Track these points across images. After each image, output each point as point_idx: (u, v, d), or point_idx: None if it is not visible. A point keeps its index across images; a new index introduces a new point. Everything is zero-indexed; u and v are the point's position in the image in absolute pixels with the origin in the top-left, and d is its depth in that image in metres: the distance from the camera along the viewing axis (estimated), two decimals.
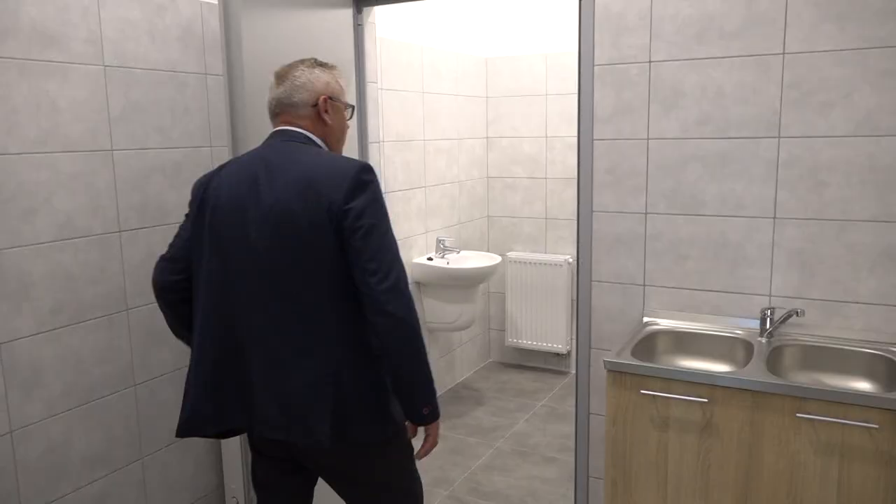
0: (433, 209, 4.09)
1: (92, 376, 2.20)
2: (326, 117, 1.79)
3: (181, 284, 1.79)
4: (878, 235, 2.15)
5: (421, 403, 1.71)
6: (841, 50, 2.12)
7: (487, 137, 4.64)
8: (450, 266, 3.84)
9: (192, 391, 1.76)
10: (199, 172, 2.50)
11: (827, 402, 1.86)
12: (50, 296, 2.07)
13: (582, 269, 2.60)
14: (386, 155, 3.64)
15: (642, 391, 2.08)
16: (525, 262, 4.48)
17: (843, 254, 2.20)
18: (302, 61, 1.82)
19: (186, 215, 1.83)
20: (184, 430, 1.76)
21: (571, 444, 3.50)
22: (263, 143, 1.79)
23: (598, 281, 2.57)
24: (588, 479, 2.72)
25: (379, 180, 1.71)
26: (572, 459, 3.17)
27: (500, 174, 4.63)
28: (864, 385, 2.12)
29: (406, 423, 1.78)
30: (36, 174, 2.01)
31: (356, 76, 2.96)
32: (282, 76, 1.80)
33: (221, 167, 1.80)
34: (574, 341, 2.69)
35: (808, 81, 2.17)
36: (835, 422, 1.85)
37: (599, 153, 2.50)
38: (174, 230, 2.42)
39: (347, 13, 2.79)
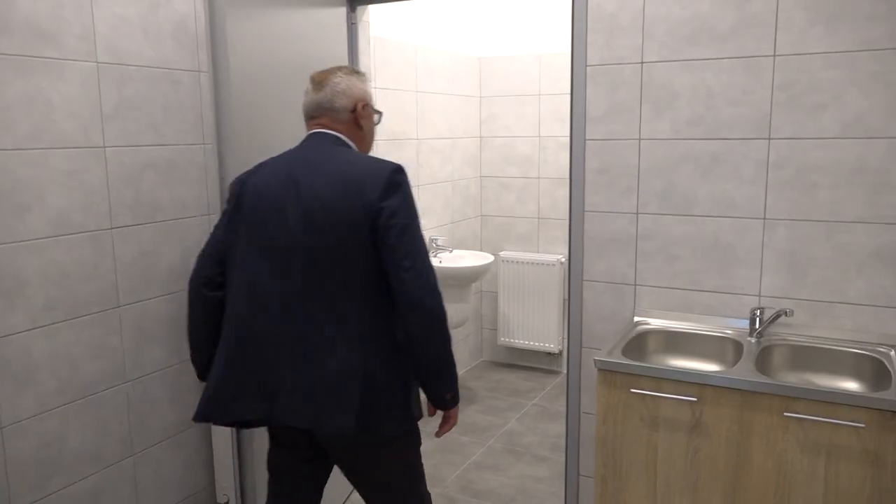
0: (426, 208, 4.10)
1: (85, 373, 2.20)
2: (362, 122, 1.91)
3: (217, 280, 1.88)
4: (866, 237, 2.17)
5: (445, 390, 1.84)
6: (831, 52, 2.14)
7: (481, 137, 4.65)
8: (443, 265, 3.85)
9: (214, 378, 1.82)
10: (193, 170, 2.51)
11: (815, 401, 1.88)
12: (43, 292, 2.07)
13: (574, 269, 2.61)
14: (379, 154, 3.64)
15: (632, 390, 2.10)
16: (518, 262, 4.50)
17: (832, 255, 2.22)
18: (339, 68, 1.93)
19: (223, 212, 1.92)
20: (201, 416, 1.82)
21: (563, 443, 3.52)
22: (300, 144, 1.90)
23: (590, 280, 2.59)
24: (579, 478, 2.74)
25: (409, 181, 1.83)
26: (563, 458, 3.19)
27: (494, 173, 4.65)
28: (851, 385, 2.15)
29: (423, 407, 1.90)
30: (29, 170, 2.01)
31: None
32: (320, 81, 1.89)
33: (260, 165, 1.89)
34: (566, 341, 2.71)
35: (798, 83, 2.19)
36: (822, 421, 1.87)
37: (592, 153, 2.52)
38: (167, 227, 2.43)
39: (341, 12, 2.80)
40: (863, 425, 1.83)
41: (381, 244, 1.72)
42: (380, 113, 1.99)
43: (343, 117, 1.89)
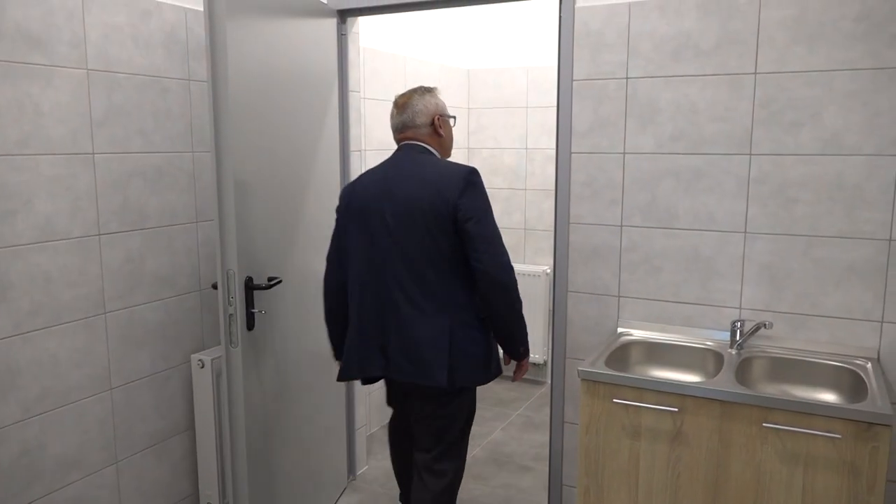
0: None
1: (68, 379, 2.20)
2: (440, 130, 2.31)
3: (343, 279, 2.30)
4: (844, 251, 2.22)
5: (519, 345, 2.29)
6: (810, 71, 2.19)
7: (469, 148, 4.68)
8: None
9: (348, 348, 2.29)
10: (181, 177, 2.52)
11: (793, 412, 1.91)
12: (28, 298, 2.07)
13: (558, 280, 2.64)
14: (368, 164, 3.66)
15: (615, 400, 2.12)
16: None
17: (810, 268, 2.27)
18: (415, 90, 2.33)
19: (337, 216, 2.31)
20: (341, 376, 2.32)
21: (546, 452, 3.54)
22: (393, 154, 2.31)
23: (575, 291, 2.62)
24: (562, 488, 2.76)
25: (483, 181, 2.21)
26: (547, 468, 3.20)
27: None
28: (829, 396, 2.18)
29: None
30: (17, 176, 2.02)
31: (339, 85, 2.99)
32: (402, 105, 2.31)
33: (362, 174, 2.33)
34: (551, 351, 2.73)
35: (778, 101, 2.24)
36: (800, 432, 1.90)
37: (577, 166, 2.55)
38: (154, 234, 2.44)
39: (331, 23, 2.82)
40: (839, 436, 1.86)
41: (462, 233, 2.13)
42: (453, 117, 2.39)
43: (424, 130, 2.29)
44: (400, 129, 2.31)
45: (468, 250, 2.14)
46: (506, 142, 4.56)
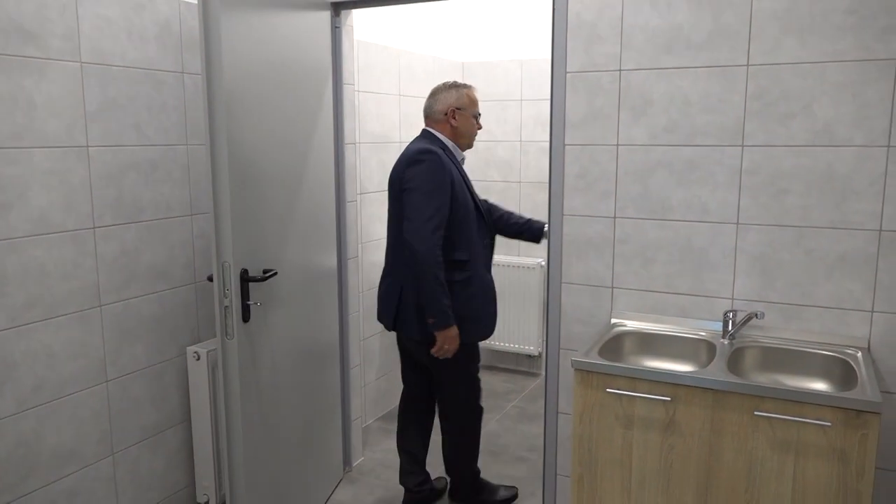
0: None
1: (64, 372, 2.21)
2: (453, 122, 2.70)
3: None
4: (835, 242, 2.24)
5: (428, 315, 2.54)
6: (801, 63, 2.20)
7: None
8: None
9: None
10: (175, 170, 2.52)
11: (783, 400, 1.93)
12: (23, 290, 2.07)
13: (552, 272, 2.65)
14: (362, 156, 3.67)
15: (608, 390, 2.14)
16: (498, 265, 4.54)
17: (801, 259, 2.29)
18: (444, 84, 2.74)
19: None
20: (392, 329, 2.76)
21: (541, 444, 3.56)
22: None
23: (568, 283, 2.64)
24: (556, 477, 2.78)
25: (438, 160, 2.56)
26: (541, 459, 3.23)
27: (475, 177, 4.68)
28: (820, 385, 2.21)
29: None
30: (11, 169, 2.02)
31: (333, 78, 2.99)
32: (430, 95, 2.75)
33: None
34: (545, 343, 2.75)
35: (770, 92, 2.26)
36: (791, 420, 1.93)
37: (571, 158, 2.56)
38: (149, 227, 2.44)
39: (325, 15, 2.82)
40: (829, 424, 1.89)
41: (402, 201, 2.54)
42: (478, 114, 2.76)
43: (438, 118, 2.72)
44: (425, 115, 2.77)
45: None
46: (500, 134, 4.57)
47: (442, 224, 2.51)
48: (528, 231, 2.99)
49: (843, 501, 1.90)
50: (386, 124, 3.87)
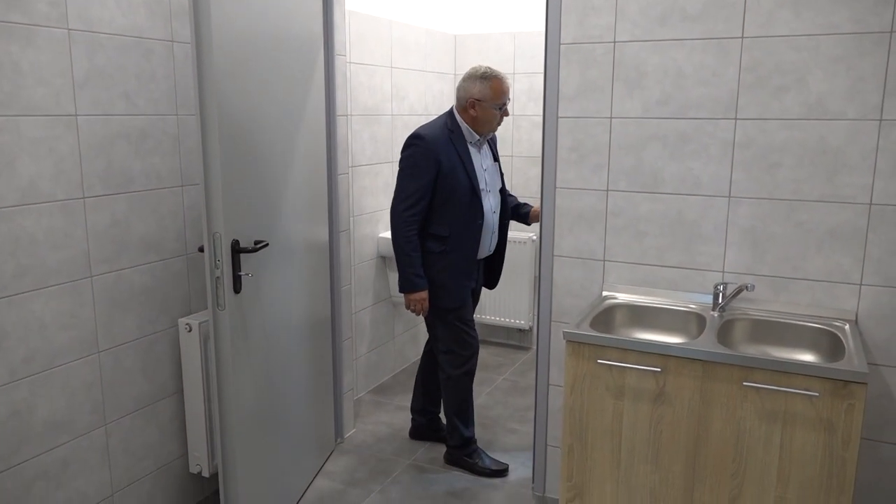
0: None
1: (55, 342, 2.20)
2: (472, 111, 2.89)
3: None
4: (825, 215, 2.26)
5: (398, 274, 2.92)
6: (796, 35, 2.20)
7: None
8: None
9: None
10: (165, 140, 2.49)
11: (772, 371, 1.96)
12: (13, 260, 2.06)
13: (544, 244, 2.66)
14: (353, 129, 3.65)
15: (599, 361, 2.16)
16: None
17: (792, 232, 2.30)
18: (475, 71, 2.90)
19: None
20: None
21: (531, 416, 3.59)
22: None
23: (560, 256, 2.64)
24: (546, 448, 2.81)
25: (426, 147, 2.82)
26: (532, 431, 3.26)
27: None
28: (808, 357, 2.23)
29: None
30: None
31: (324, 49, 2.96)
32: (463, 78, 2.92)
33: None
34: (536, 317, 2.77)
35: (764, 65, 2.25)
36: (779, 390, 1.95)
37: (564, 131, 2.56)
38: (140, 198, 2.43)
39: None
40: (816, 394, 1.91)
41: None
42: (499, 106, 2.88)
43: (461, 104, 2.92)
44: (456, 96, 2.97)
45: None
46: None
47: (416, 204, 2.82)
48: (517, 216, 3.28)
49: (829, 470, 1.94)
50: (377, 96, 3.84)
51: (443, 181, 2.84)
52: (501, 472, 3.09)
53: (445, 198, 2.86)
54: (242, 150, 2.30)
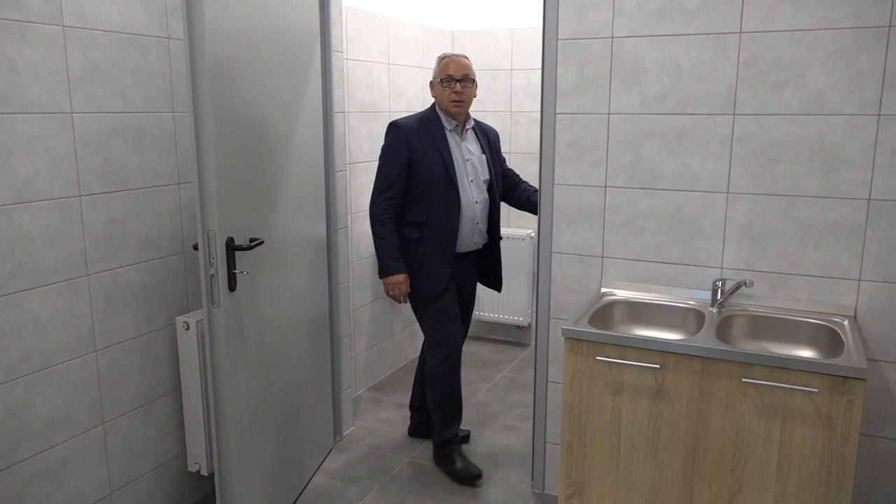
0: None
1: (52, 341, 2.19)
2: (433, 92, 2.95)
3: None
4: (824, 211, 2.25)
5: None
6: (795, 30, 2.19)
7: None
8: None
9: None
10: (162, 137, 2.48)
11: (771, 367, 1.95)
12: (9, 259, 2.05)
13: (542, 241, 2.65)
14: (351, 125, 3.63)
15: (598, 358, 2.16)
16: None
17: (790, 228, 2.30)
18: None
19: None
20: None
21: (530, 413, 3.59)
22: None
23: (558, 252, 2.64)
24: (545, 445, 2.81)
25: (398, 134, 2.86)
26: (531, 428, 3.26)
27: None
28: (807, 353, 2.23)
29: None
30: None
31: (321, 45, 2.94)
32: None
33: None
34: (535, 314, 2.76)
35: (763, 60, 2.24)
36: (778, 386, 1.95)
37: (562, 127, 2.55)
38: (136, 195, 2.42)
39: None
40: (816, 390, 1.91)
41: None
42: (442, 79, 2.88)
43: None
44: None
45: None
46: (490, 105, 4.53)
47: (390, 188, 2.86)
48: (529, 208, 3.19)
49: (828, 466, 1.93)
50: (375, 93, 3.82)
51: (417, 167, 2.84)
52: (471, 478, 2.95)
53: (421, 184, 2.86)
54: (238, 148, 2.29)
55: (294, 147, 2.67)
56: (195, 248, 2.52)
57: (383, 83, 3.90)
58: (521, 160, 4.49)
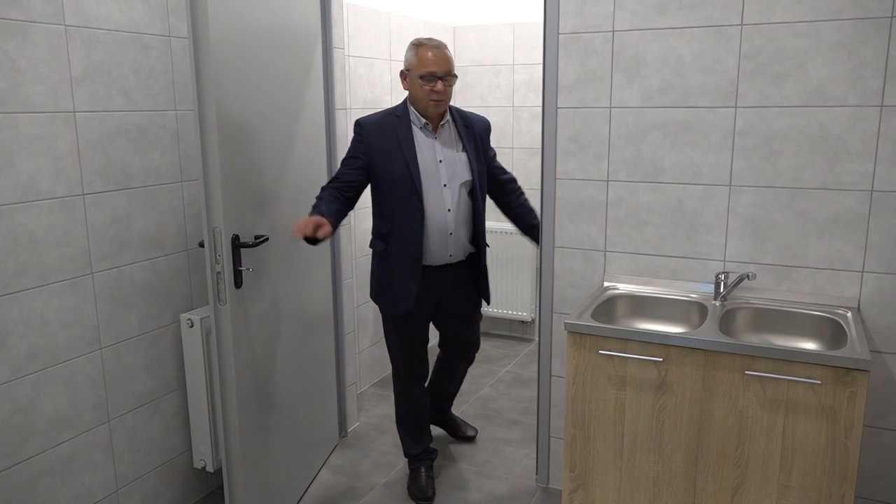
0: None
1: (57, 339, 2.20)
2: (404, 84, 2.60)
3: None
4: (826, 202, 2.25)
5: None
6: (796, 22, 2.18)
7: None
8: None
9: None
10: (164, 136, 2.49)
11: (774, 360, 1.95)
12: (13, 258, 2.06)
13: (545, 236, 2.65)
14: (353, 122, 3.63)
15: (601, 351, 2.16)
16: (491, 232, 4.53)
17: (793, 220, 2.29)
18: (412, 41, 2.59)
19: None
20: None
21: (534, 407, 3.60)
22: None
23: (561, 247, 2.64)
24: (549, 439, 2.82)
25: (360, 132, 2.61)
26: (535, 422, 3.26)
27: None
28: (810, 345, 2.23)
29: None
30: None
31: (323, 42, 2.95)
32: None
33: None
34: (538, 309, 2.76)
35: (764, 52, 2.24)
36: (781, 378, 1.95)
37: (563, 121, 2.55)
38: (139, 194, 2.42)
39: None
40: (819, 382, 1.91)
41: None
42: (423, 76, 2.51)
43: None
44: None
45: None
46: (492, 100, 4.53)
47: (338, 178, 2.59)
48: (525, 232, 2.91)
49: (832, 458, 1.94)
50: (377, 89, 3.83)
51: (377, 168, 2.56)
52: (417, 499, 2.82)
53: (383, 188, 2.58)
54: (241, 145, 2.29)
55: (297, 144, 2.67)
56: (201, 245, 2.53)
57: (385, 80, 3.90)
58: (524, 155, 4.49)
